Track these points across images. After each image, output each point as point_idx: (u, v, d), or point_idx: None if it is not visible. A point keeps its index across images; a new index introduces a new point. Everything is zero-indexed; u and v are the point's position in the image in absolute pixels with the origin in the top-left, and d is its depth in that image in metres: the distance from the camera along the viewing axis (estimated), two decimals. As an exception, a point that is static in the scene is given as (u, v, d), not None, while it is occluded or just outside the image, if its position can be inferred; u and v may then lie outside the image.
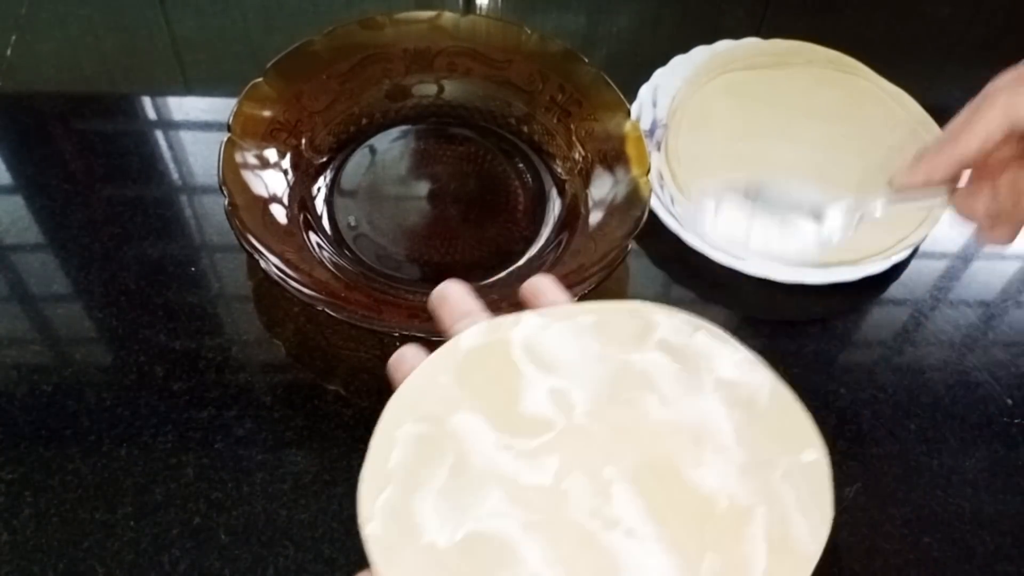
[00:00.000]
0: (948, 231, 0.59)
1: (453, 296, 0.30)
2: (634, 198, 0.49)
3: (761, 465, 0.25)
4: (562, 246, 0.52)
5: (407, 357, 0.28)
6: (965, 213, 0.35)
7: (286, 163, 0.52)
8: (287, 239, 0.48)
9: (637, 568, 0.23)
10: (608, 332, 0.28)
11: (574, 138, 0.55)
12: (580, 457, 0.25)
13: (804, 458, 0.25)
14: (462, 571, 0.23)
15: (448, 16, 0.57)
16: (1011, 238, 0.35)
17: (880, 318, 0.55)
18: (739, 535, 0.24)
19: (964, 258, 0.59)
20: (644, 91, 0.61)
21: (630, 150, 0.51)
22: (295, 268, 0.45)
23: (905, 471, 0.48)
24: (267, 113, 0.52)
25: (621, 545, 0.24)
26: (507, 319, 0.28)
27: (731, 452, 0.26)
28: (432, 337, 0.43)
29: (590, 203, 0.52)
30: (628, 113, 0.53)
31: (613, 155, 0.52)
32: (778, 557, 0.24)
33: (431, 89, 0.59)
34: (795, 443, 0.26)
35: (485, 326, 0.28)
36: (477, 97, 0.59)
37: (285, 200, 0.51)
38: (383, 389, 0.42)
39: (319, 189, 0.54)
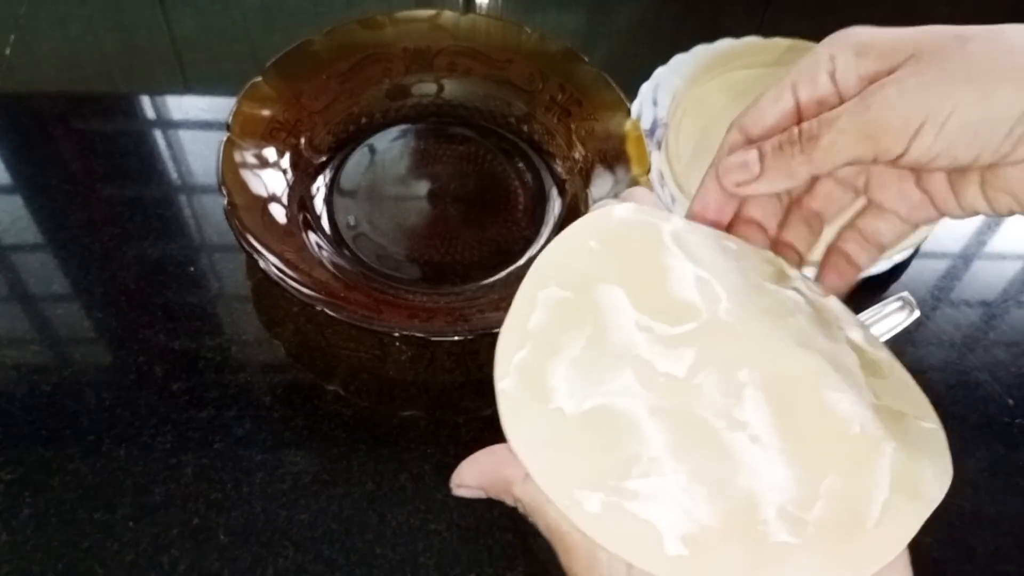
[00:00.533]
0: (949, 231, 0.58)
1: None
2: (634, 198, 0.49)
3: (891, 413, 0.25)
4: (562, 246, 0.52)
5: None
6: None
7: (285, 163, 0.52)
8: (286, 239, 0.48)
9: (755, 473, 0.23)
10: (747, 261, 0.28)
11: (574, 137, 0.55)
12: (718, 354, 0.25)
13: (925, 424, 0.26)
14: (583, 440, 0.23)
15: (448, 15, 0.57)
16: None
17: (881, 318, 0.55)
18: (865, 462, 0.24)
19: (965, 258, 0.59)
20: (645, 90, 0.61)
21: (630, 149, 0.51)
22: (294, 268, 0.45)
23: (906, 471, 0.48)
24: (266, 112, 0.52)
25: (743, 447, 0.23)
26: (657, 212, 0.28)
27: (865, 392, 0.25)
28: (432, 337, 0.43)
29: (590, 203, 0.52)
30: (628, 112, 0.52)
31: (613, 154, 0.52)
32: (900, 493, 0.24)
33: (431, 88, 0.59)
34: (917, 410, 0.27)
35: (636, 207, 0.27)
36: (477, 96, 0.59)
37: (284, 200, 0.51)
38: (383, 389, 0.42)
39: (318, 189, 0.54)
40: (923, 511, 0.24)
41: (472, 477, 0.26)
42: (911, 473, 0.24)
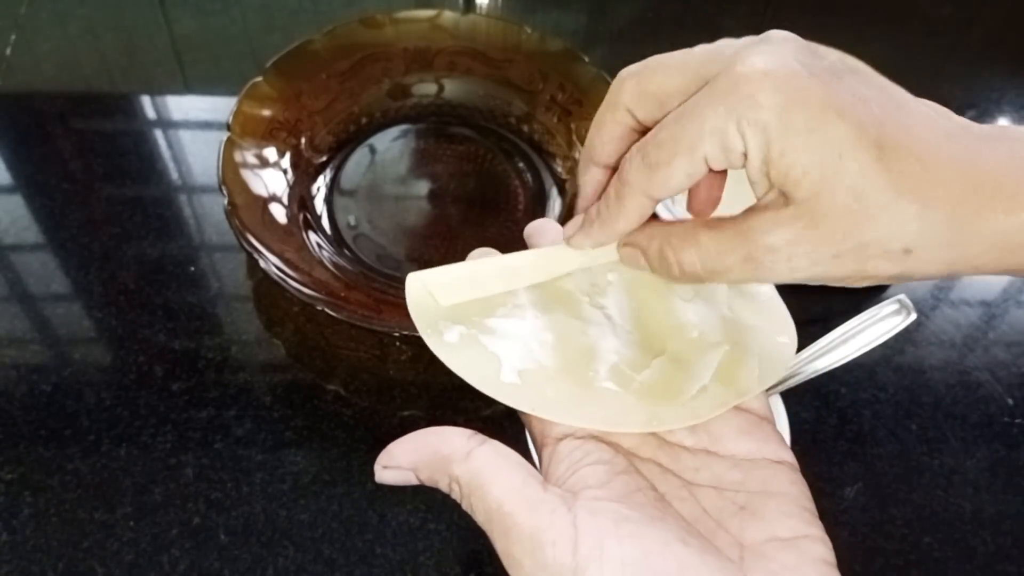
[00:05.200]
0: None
1: (550, 231, 0.30)
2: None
3: (740, 325, 0.28)
4: (562, 246, 0.52)
5: (547, 229, 0.30)
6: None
7: (286, 162, 0.52)
8: (287, 239, 0.48)
9: (600, 337, 0.27)
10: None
11: (574, 137, 0.55)
12: (591, 268, 0.28)
13: (779, 338, 0.28)
14: (463, 288, 0.27)
15: (448, 15, 0.57)
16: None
17: (881, 318, 0.55)
18: (696, 356, 0.27)
19: (965, 258, 0.59)
20: (644, 90, 0.61)
21: (630, 149, 0.51)
22: (295, 268, 0.45)
23: (906, 471, 0.48)
24: (267, 112, 0.52)
25: (597, 318, 0.27)
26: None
27: (721, 307, 0.28)
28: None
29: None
30: (628, 112, 0.52)
31: (613, 154, 0.52)
32: (718, 382, 0.26)
33: (431, 88, 0.59)
34: (774, 326, 0.29)
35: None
36: (477, 96, 0.59)
37: (285, 199, 0.51)
38: (383, 389, 0.42)
39: (319, 188, 0.54)
40: (733, 399, 0.26)
41: (405, 456, 0.24)
42: (735, 370, 0.27)
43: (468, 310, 0.27)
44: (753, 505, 0.24)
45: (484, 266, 0.28)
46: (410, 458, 0.24)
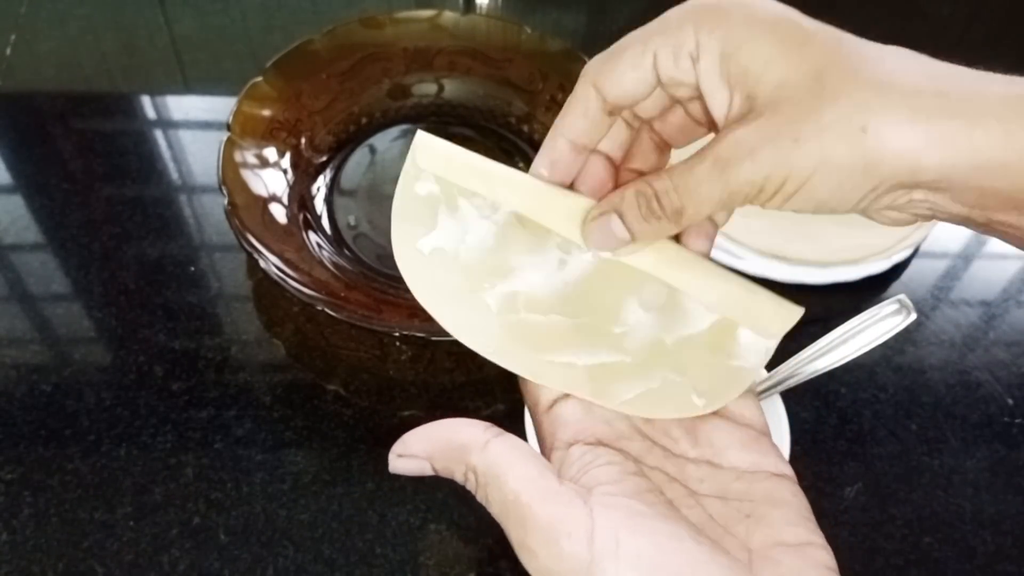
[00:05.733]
0: (949, 231, 0.58)
1: None
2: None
3: (667, 360, 0.27)
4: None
5: None
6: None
7: (286, 162, 0.52)
8: (286, 239, 0.48)
9: (532, 266, 0.27)
10: None
11: (574, 137, 0.55)
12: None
13: (693, 399, 0.27)
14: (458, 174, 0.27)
15: (448, 15, 0.57)
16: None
17: (881, 318, 0.54)
18: (592, 340, 0.27)
19: (965, 258, 0.59)
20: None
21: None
22: (295, 268, 0.45)
23: (906, 471, 0.48)
24: (267, 112, 0.52)
25: (549, 255, 0.27)
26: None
27: (666, 335, 0.27)
28: (432, 337, 0.43)
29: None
30: (628, 112, 0.52)
31: (613, 154, 0.52)
32: (585, 374, 0.26)
33: (431, 88, 0.59)
34: (706, 390, 0.27)
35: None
36: (477, 96, 0.59)
37: (285, 199, 0.50)
38: (383, 389, 0.42)
39: (319, 188, 0.54)
40: (589, 394, 0.26)
41: (420, 445, 0.24)
42: (613, 379, 0.27)
43: (448, 234, 0.27)
44: (758, 513, 0.24)
45: (487, 166, 0.27)
46: (425, 447, 0.24)
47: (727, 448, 0.26)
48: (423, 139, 0.27)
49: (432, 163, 0.27)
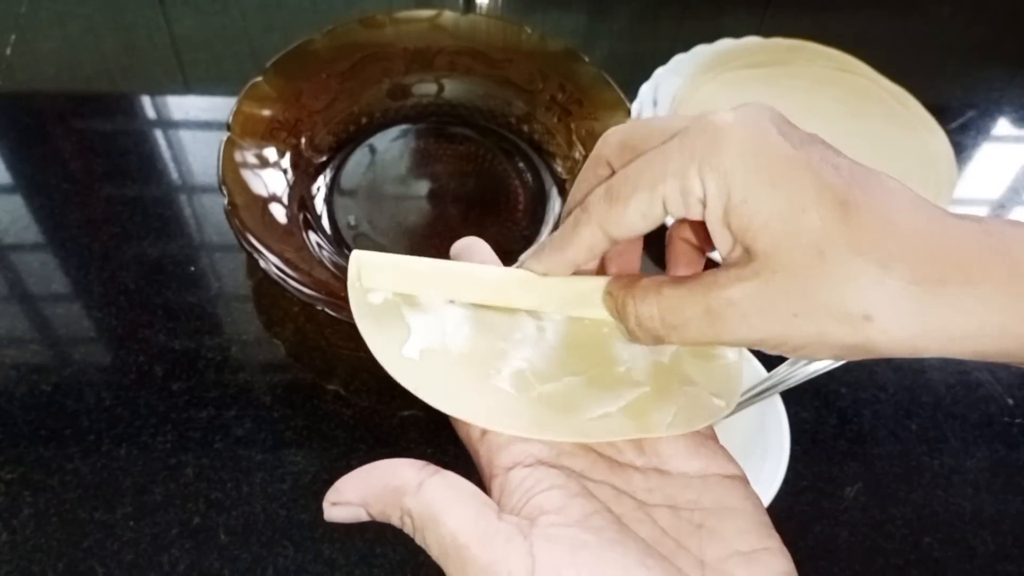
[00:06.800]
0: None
1: (479, 250, 0.30)
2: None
3: (674, 375, 0.27)
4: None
5: (476, 248, 0.29)
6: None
7: (286, 162, 0.52)
8: (287, 238, 0.48)
9: (522, 342, 0.27)
10: None
11: (574, 137, 0.55)
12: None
13: (715, 400, 0.27)
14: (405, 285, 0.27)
15: (448, 15, 0.57)
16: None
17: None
18: (612, 387, 0.27)
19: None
20: (645, 90, 0.61)
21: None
22: (295, 267, 0.45)
23: (906, 471, 0.48)
24: (267, 112, 0.52)
25: (527, 325, 0.27)
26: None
27: (660, 355, 0.28)
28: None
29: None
30: (628, 112, 0.52)
31: (613, 154, 0.52)
32: (626, 415, 0.26)
33: (431, 88, 0.59)
34: (715, 388, 0.27)
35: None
36: (477, 96, 0.59)
37: (285, 199, 0.50)
38: (383, 389, 0.42)
39: (319, 188, 0.54)
40: (632, 432, 0.25)
41: (354, 492, 0.23)
42: (647, 409, 0.26)
43: (403, 282, 0.27)
44: (710, 523, 0.23)
45: (430, 267, 0.27)
46: (359, 493, 0.23)
47: (673, 454, 0.25)
48: (361, 258, 0.26)
49: (378, 280, 0.26)
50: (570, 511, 0.22)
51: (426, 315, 0.26)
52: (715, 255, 0.25)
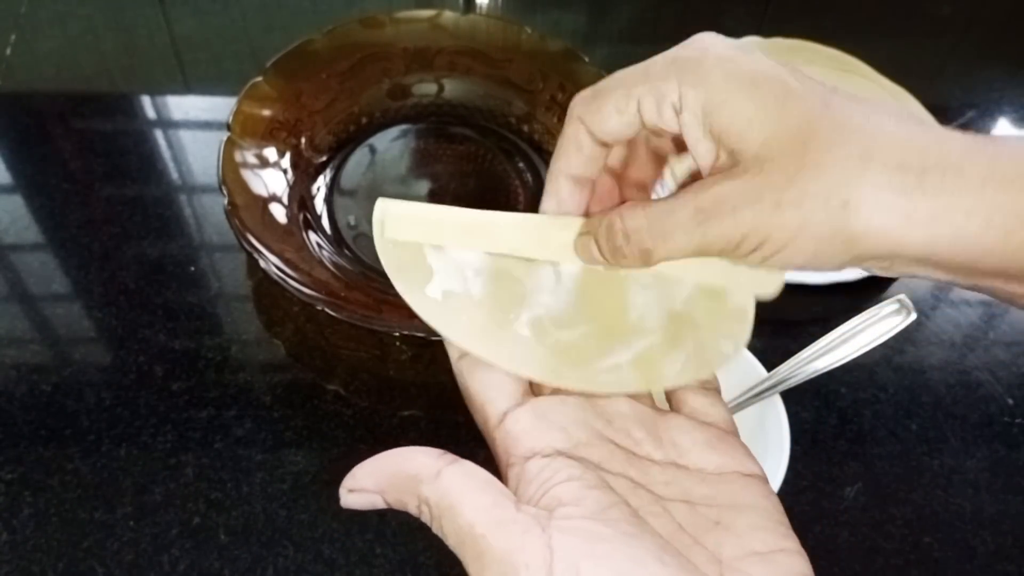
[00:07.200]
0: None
1: None
2: (634, 197, 0.49)
3: (685, 320, 0.28)
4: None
5: None
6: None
7: (286, 162, 0.52)
8: (287, 238, 0.48)
9: (539, 288, 0.27)
10: None
11: (574, 137, 0.55)
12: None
13: (722, 343, 0.27)
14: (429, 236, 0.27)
15: (448, 15, 0.57)
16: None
17: (881, 318, 0.54)
18: (625, 335, 0.27)
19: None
20: (644, 90, 0.61)
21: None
22: (295, 267, 0.45)
23: (906, 471, 0.48)
24: (267, 112, 0.52)
25: (545, 272, 0.27)
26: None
27: (674, 301, 0.28)
28: (432, 337, 0.43)
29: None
30: (628, 112, 0.52)
31: (613, 154, 0.52)
32: (636, 367, 0.26)
33: (431, 88, 0.59)
34: (727, 330, 0.28)
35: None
36: (477, 96, 0.59)
37: (285, 199, 0.50)
38: (383, 389, 0.42)
39: (319, 188, 0.54)
40: (642, 386, 0.26)
41: (371, 478, 0.23)
42: (656, 362, 0.27)
43: (432, 233, 0.27)
44: (727, 520, 0.23)
45: (454, 216, 0.27)
46: (376, 480, 0.23)
47: (692, 448, 0.25)
48: (387, 208, 0.27)
49: (402, 230, 0.27)
50: (588, 503, 0.22)
51: (448, 257, 0.27)
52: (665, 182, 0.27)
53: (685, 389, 0.27)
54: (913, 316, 0.40)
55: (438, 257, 0.27)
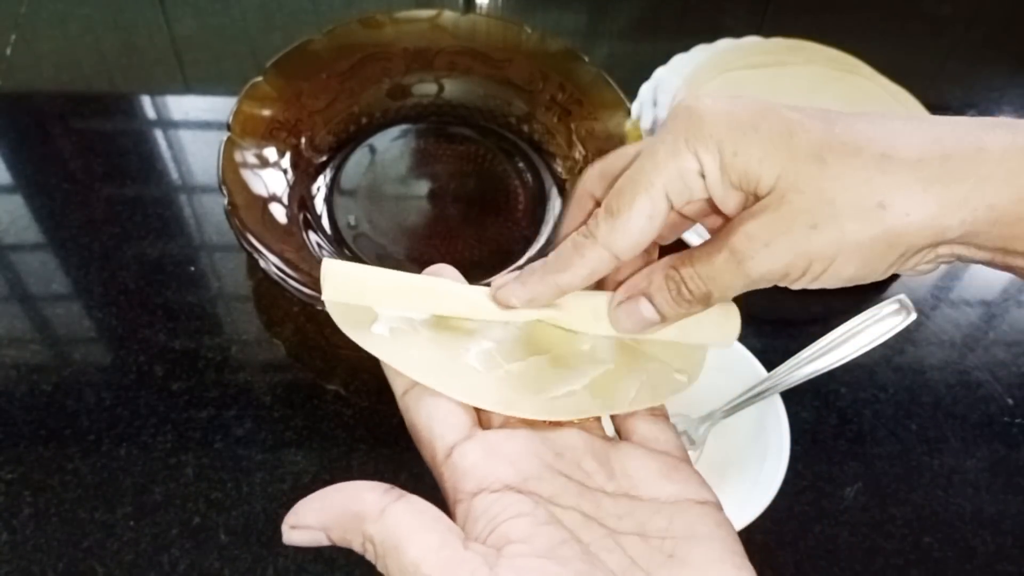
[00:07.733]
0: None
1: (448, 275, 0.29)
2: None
3: (637, 353, 0.28)
4: (562, 246, 0.52)
5: (444, 273, 0.28)
6: None
7: (286, 162, 0.52)
8: (287, 238, 0.48)
9: (488, 325, 0.27)
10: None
11: (574, 137, 0.55)
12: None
13: (677, 375, 0.28)
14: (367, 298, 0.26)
15: (448, 15, 0.57)
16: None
17: (881, 318, 0.54)
18: (577, 365, 0.27)
19: (965, 258, 0.59)
20: (645, 90, 0.61)
21: (630, 149, 0.51)
22: (295, 267, 0.45)
23: (906, 471, 0.48)
24: (267, 112, 0.52)
25: (494, 313, 0.27)
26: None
27: (624, 338, 0.28)
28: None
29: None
30: (628, 112, 0.52)
31: (613, 154, 0.52)
32: (590, 393, 0.26)
33: (431, 88, 0.59)
34: (681, 364, 0.28)
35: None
36: (477, 96, 0.59)
37: (285, 199, 0.50)
38: (383, 389, 0.42)
39: (319, 188, 0.54)
40: (597, 410, 0.26)
41: (314, 515, 0.22)
42: (611, 386, 0.27)
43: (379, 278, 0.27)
44: (681, 553, 0.23)
45: (396, 280, 0.26)
46: (319, 517, 0.22)
47: (645, 478, 0.25)
48: (329, 268, 0.26)
49: (342, 293, 0.26)
50: (537, 541, 0.21)
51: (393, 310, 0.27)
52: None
53: (635, 416, 0.27)
54: (913, 316, 0.40)
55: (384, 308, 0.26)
